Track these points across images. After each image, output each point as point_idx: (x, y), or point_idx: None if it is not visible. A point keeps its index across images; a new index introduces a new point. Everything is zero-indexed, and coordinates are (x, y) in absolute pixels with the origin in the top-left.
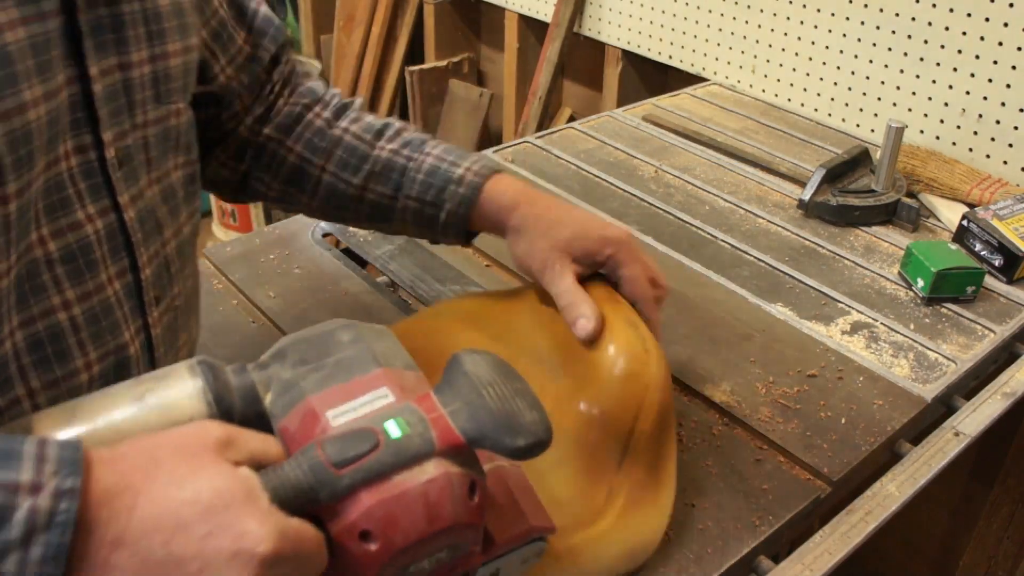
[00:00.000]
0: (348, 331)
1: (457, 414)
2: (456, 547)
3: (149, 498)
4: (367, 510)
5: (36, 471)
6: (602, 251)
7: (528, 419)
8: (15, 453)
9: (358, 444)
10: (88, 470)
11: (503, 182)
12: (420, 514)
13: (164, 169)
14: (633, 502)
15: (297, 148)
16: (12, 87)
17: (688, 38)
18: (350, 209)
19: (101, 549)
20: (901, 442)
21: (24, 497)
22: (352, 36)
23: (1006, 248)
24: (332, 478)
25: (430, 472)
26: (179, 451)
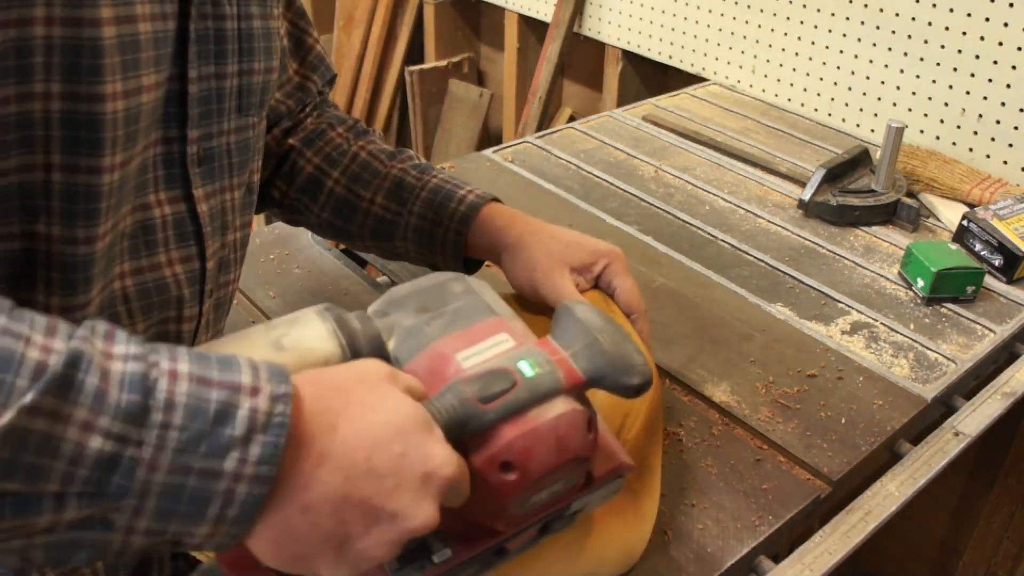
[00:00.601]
0: (459, 282)
1: (577, 356)
2: (570, 478)
3: (348, 419)
4: (509, 442)
5: (253, 376)
6: (598, 263)
7: (639, 360)
8: (233, 361)
9: (499, 382)
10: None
11: (501, 207)
12: (552, 446)
13: (242, 177)
14: (615, 508)
15: (316, 160)
16: (136, 70)
17: (688, 38)
18: (356, 223)
19: (307, 461)
20: (901, 442)
21: (245, 398)
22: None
23: (1006, 248)
24: (479, 412)
25: (559, 408)
26: (362, 381)
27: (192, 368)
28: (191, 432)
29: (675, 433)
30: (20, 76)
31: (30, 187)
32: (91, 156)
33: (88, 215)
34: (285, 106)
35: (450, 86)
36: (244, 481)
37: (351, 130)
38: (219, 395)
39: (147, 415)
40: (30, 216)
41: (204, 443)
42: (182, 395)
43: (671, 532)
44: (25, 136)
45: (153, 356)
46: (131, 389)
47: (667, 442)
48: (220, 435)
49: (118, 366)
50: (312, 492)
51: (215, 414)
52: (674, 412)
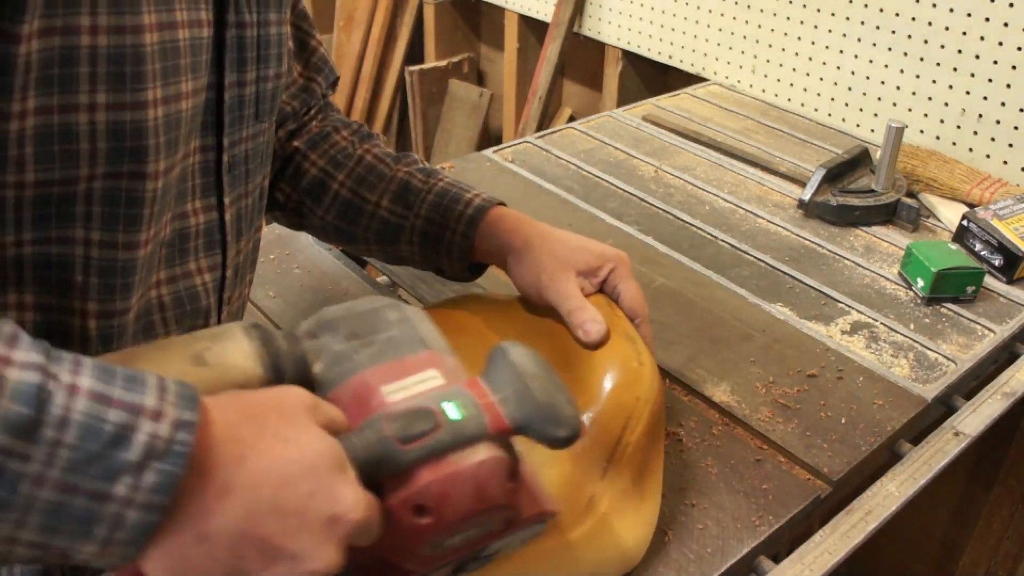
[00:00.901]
0: (394, 310)
1: (506, 402)
2: (488, 524)
3: (257, 451)
4: (425, 485)
5: (159, 398)
6: (604, 266)
7: (568, 412)
8: (139, 379)
9: (421, 422)
10: (204, 410)
11: (507, 211)
12: (470, 493)
13: (256, 181)
14: (615, 511)
15: (320, 162)
16: (176, 77)
17: (688, 38)
18: (361, 225)
19: (209, 491)
20: (901, 442)
21: (146, 421)
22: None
23: (1006, 248)
24: (397, 452)
25: (481, 454)
26: (279, 410)
27: (94, 384)
28: (83, 452)
29: (675, 433)
30: (63, 86)
31: (70, 196)
32: (135, 163)
33: (130, 220)
34: (290, 107)
35: (450, 86)
36: (135, 507)
37: (356, 133)
38: (118, 416)
39: (37, 430)
40: (67, 222)
41: (95, 465)
42: (78, 412)
43: (671, 532)
44: (68, 149)
45: (54, 367)
46: (24, 401)
47: (667, 442)
48: (114, 458)
49: (14, 374)
50: (211, 523)
51: (111, 436)
52: (674, 412)
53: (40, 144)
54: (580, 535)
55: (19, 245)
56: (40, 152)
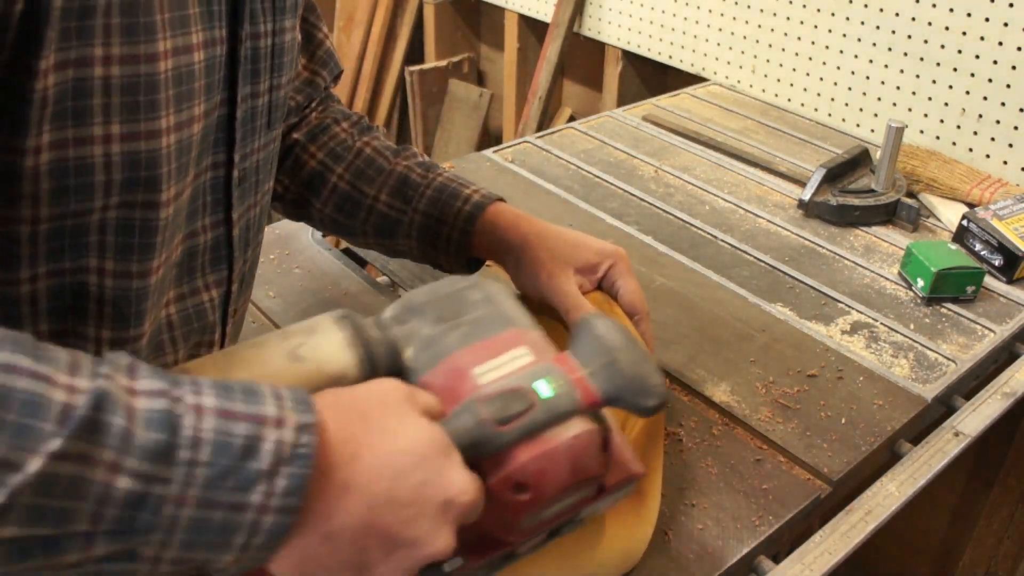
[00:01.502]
0: (478, 290)
1: (596, 375)
2: (582, 493)
3: (369, 447)
4: (523, 464)
5: (278, 406)
6: (603, 263)
7: (655, 381)
8: (255, 391)
9: (516, 403)
10: (318, 411)
11: (506, 207)
12: (566, 467)
13: (264, 190)
14: (614, 510)
15: (320, 155)
16: (189, 101)
17: (688, 38)
18: (359, 219)
19: (331, 490)
20: (901, 442)
21: (271, 430)
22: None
23: (1006, 248)
24: (495, 434)
25: (575, 429)
26: (381, 404)
27: (217, 402)
28: (218, 468)
29: (675, 433)
30: (77, 119)
31: (84, 227)
32: (149, 192)
33: (143, 250)
34: (295, 102)
35: (450, 86)
36: (270, 512)
37: (355, 126)
38: (245, 429)
39: (173, 453)
40: (80, 253)
41: (231, 478)
42: (208, 431)
43: (671, 532)
44: (84, 183)
45: (177, 391)
46: (157, 427)
47: (667, 442)
48: (247, 469)
49: (143, 403)
50: (335, 521)
51: (241, 449)
52: (674, 412)
53: (56, 179)
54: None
55: (34, 280)
56: (56, 187)
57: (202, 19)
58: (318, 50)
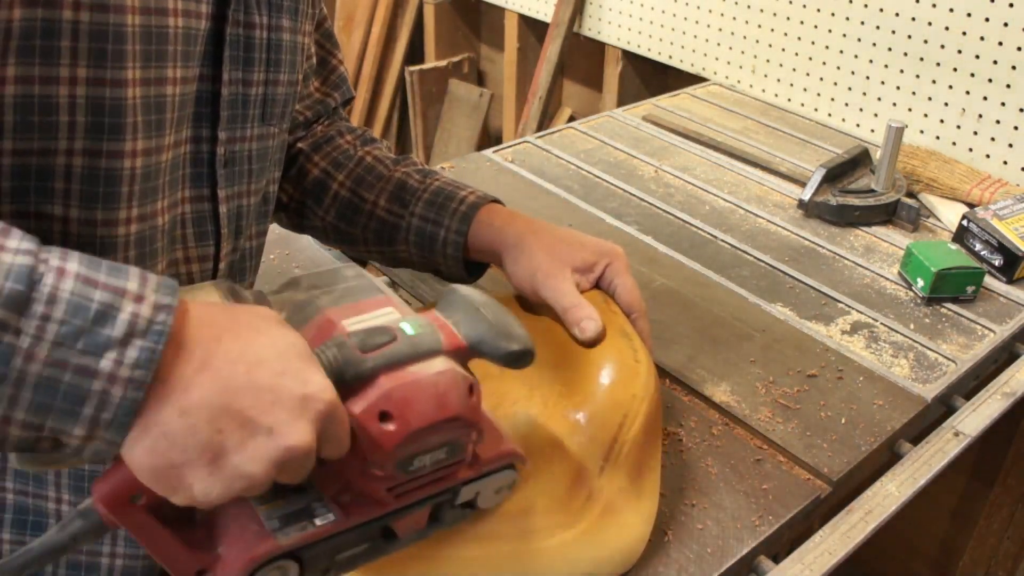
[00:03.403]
0: (352, 269)
1: (459, 324)
2: (454, 446)
3: (233, 335)
4: (387, 392)
5: (141, 284)
6: (600, 262)
7: (519, 331)
8: (122, 269)
9: (380, 336)
10: (182, 300)
11: (501, 208)
12: (432, 401)
13: (261, 182)
14: (612, 509)
15: (322, 164)
16: (161, 61)
17: (688, 38)
18: (359, 226)
19: (188, 365)
20: (901, 442)
21: (128, 303)
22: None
23: (1006, 248)
24: (358, 359)
25: (439, 366)
26: (251, 313)
27: (80, 268)
28: (70, 327)
29: (675, 433)
30: (45, 58)
31: (48, 169)
32: (112, 140)
33: (108, 198)
34: (303, 116)
35: (450, 86)
36: (119, 383)
37: (359, 138)
38: (103, 296)
39: (28, 305)
40: (44, 197)
41: (82, 339)
42: (66, 291)
43: (671, 532)
44: (48, 121)
45: (44, 253)
46: (16, 279)
47: (667, 442)
48: (98, 334)
49: (7, 257)
50: (191, 395)
51: (96, 313)
52: (674, 412)
53: (20, 113)
54: (577, 533)
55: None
56: (20, 121)
57: None
58: (331, 75)
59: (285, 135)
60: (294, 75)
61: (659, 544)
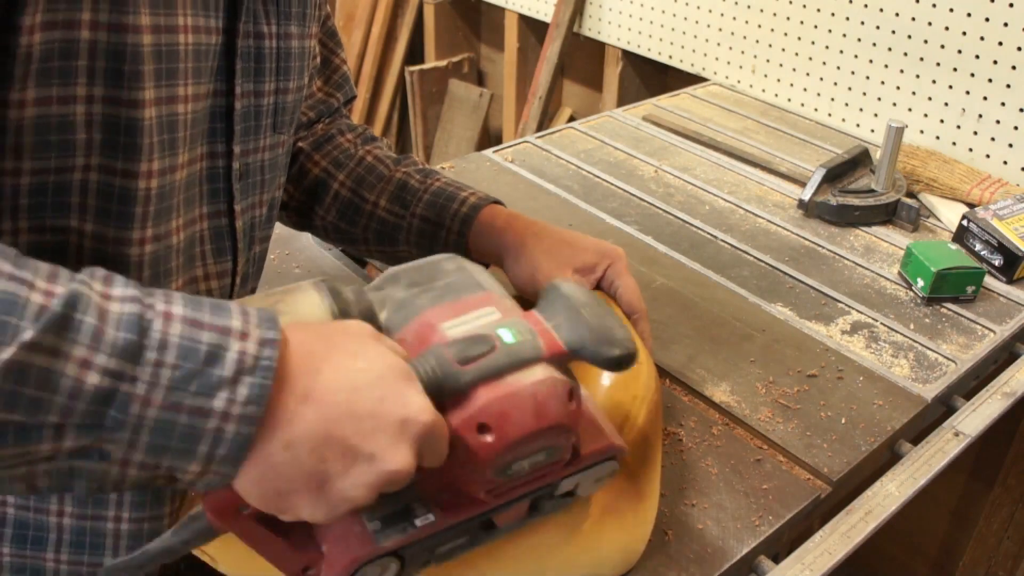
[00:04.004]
0: (452, 261)
1: (560, 328)
2: (553, 449)
3: (331, 364)
4: (486, 404)
5: (243, 321)
6: (601, 263)
7: (621, 334)
8: (223, 307)
9: (478, 345)
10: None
11: (502, 209)
12: (530, 411)
13: (272, 191)
14: (612, 510)
15: (323, 163)
16: (172, 79)
17: (688, 38)
18: (360, 225)
19: (291, 399)
20: (901, 442)
21: (235, 341)
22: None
23: (1006, 248)
24: (456, 372)
25: (538, 375)
26: (347, 334)
27: (186, 311)
28: (183, 371)
29: (675, 433)
30: (63, 78)
31: (65, 185)
32: (127, 160)
33: (121, 217)
34: (306, 117)
35: (450, 86)
36: (232, 420)
37: (360, 136)
38: (210, 337)
39: (141, 353)
40: (61, 211)
41: (195, 382)
42: (175, 336)
43: (671, 532)
44: (65, 139)
45: (149, 299)
46: (127, 328)
47: (667, 442)
48: (210, 375)
49: (116, 307)
50: (295, 429)
51: (206, 355)
52: (674, 412)
53: (38, 133)
54: (578, 534)
55: (15, 234)
56: (38, 141)
57: (192, 5)
58: (334, 75)
59: (291, 140)
60: (302, 80)
61: (659, 544)
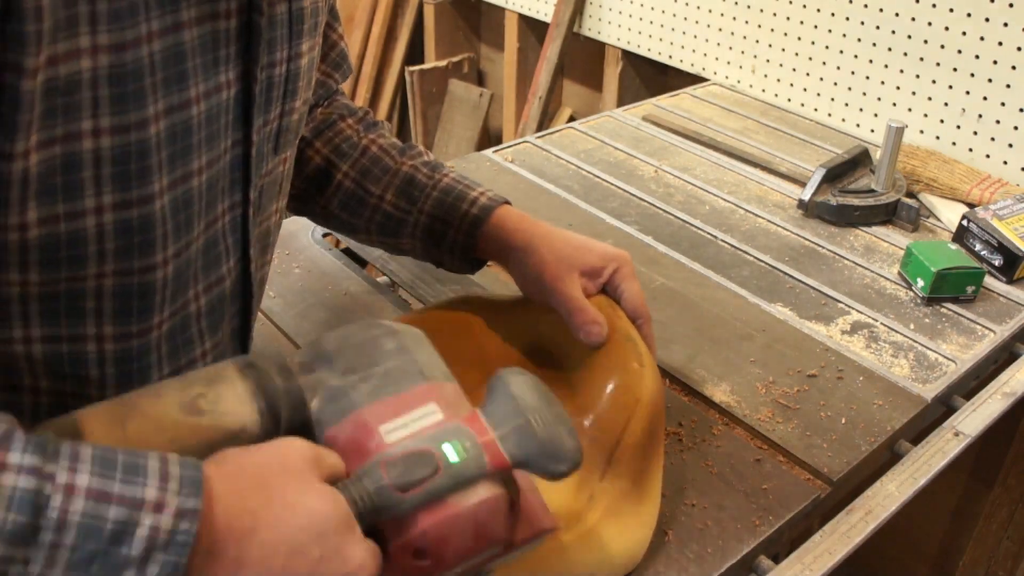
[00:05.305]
0: (391, 339)
1: (506, 439)
2: (486, 554)
3: (266, 523)
4: (424, 531)
5: (160, 488)
6: (607, 267)
7: (569, 446)
8: (139, 468)
9: (420, 468)
10: (208, 489)
11: (511, 210)
12: (470, 533)
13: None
14: (613, 512)
15: (324, 151)
16: (185, 157)
17: (688, 38)
18: (363, 217)
19: (221, 569)
20: (901, 442)
21: (147, 515)
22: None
23: (1006, 248)
24: (396, 500)
25: (481, 494)
26: (283, 472)
27: (92, 481)
28: (83, 552)
29: (675, 433)
30: (68, 193)
31: (79, 292)
32: (144, 257)
33: (142, 312)
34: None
35: (450, 86)
36: None
37: (361, 121)
38: (117, 513)
39: (36, 535)
40: (76, 319)
41: (97, 563)
42: (76, 514)
43: (671, 532)
44: (75, 254)
45: (50, 467)
46: (20, 509)
47: (667, 442)
48: (115, 554)
49: (10, 479)
50: None
51: (111, 533)
52: (674, 412)
53: (45, 251)
54: (580, 536)
55: (28, 342)
56: (46, 258)
57: (204, 69)
58: (332, 51)
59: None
60: (308, 94)
61: (659, 544)
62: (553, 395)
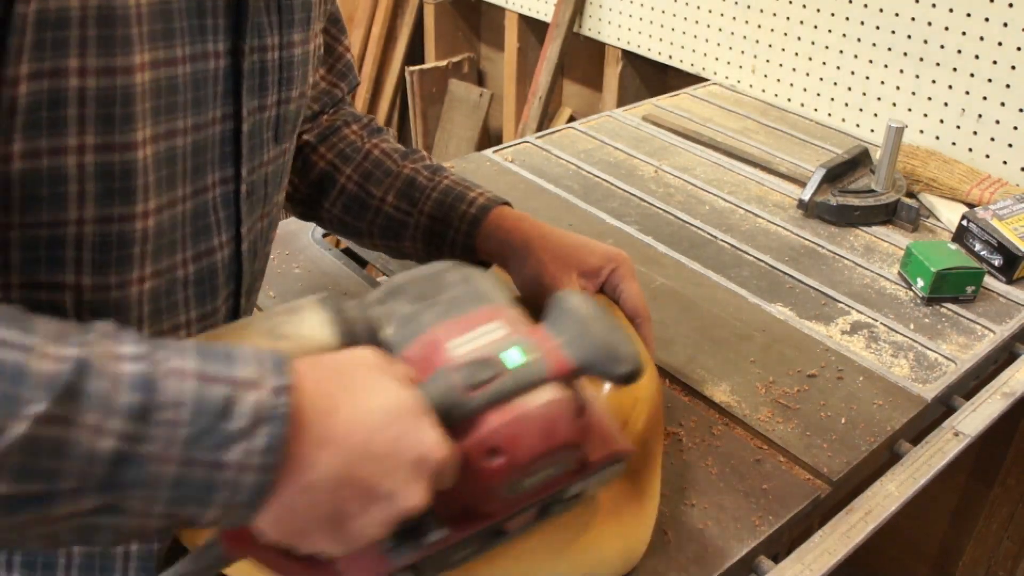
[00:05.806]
0: (456, 271)
1: (567, 345)
2: (562, 463)
3: (346, 404)
4: (494, 428)
5: (256, 369)
6: (606, 267)
7: (627, 350)
8: (233, 355)
9: (485, 370)
10: (295, 372)
11: (510, 211)
12: (539, 433)
13: (273, 203)
14: (613, 512)
15: (329, 156)
16: (170, 114)
17: (688, 38)
18: (366, 220)
19: (308, 444)
20: (901, 442)
21: (247, 392)
22: (352, 36)
23: (1006, 248)
24: (465, 399)
25: (546, 396)
26: (358, 366)
27: (196, 365)
28: (196, 428)
29: (675, 433)
30: (52, 129)
31: (59, 239)
32: (124, 205)
33: (120, 261)
34: (310, 110)
35: (450, 86)
36: (249, 471)
37: (365, 128)
38: (222, 390)
39: (154, 413)
40: (55, 267)
41: (210, 437)
42: (187, 393)
43: (671, 532)
44: (56, 192)
45: (159, 353)
46: (138, 390)
47: (667, 442)
48: (224, 429)
49: (125, 367)
50: (313, 473)
51: (219, 409)
52: (674, 412)
53: (28, 187)
54: (579, 536)
55: (7, 288)
56: (28, 195)
57: (190, 33)
58: (338, 63)
59: (294, 145)
60: (305, 87)
61: (659, 544)
62: (608, 310)
